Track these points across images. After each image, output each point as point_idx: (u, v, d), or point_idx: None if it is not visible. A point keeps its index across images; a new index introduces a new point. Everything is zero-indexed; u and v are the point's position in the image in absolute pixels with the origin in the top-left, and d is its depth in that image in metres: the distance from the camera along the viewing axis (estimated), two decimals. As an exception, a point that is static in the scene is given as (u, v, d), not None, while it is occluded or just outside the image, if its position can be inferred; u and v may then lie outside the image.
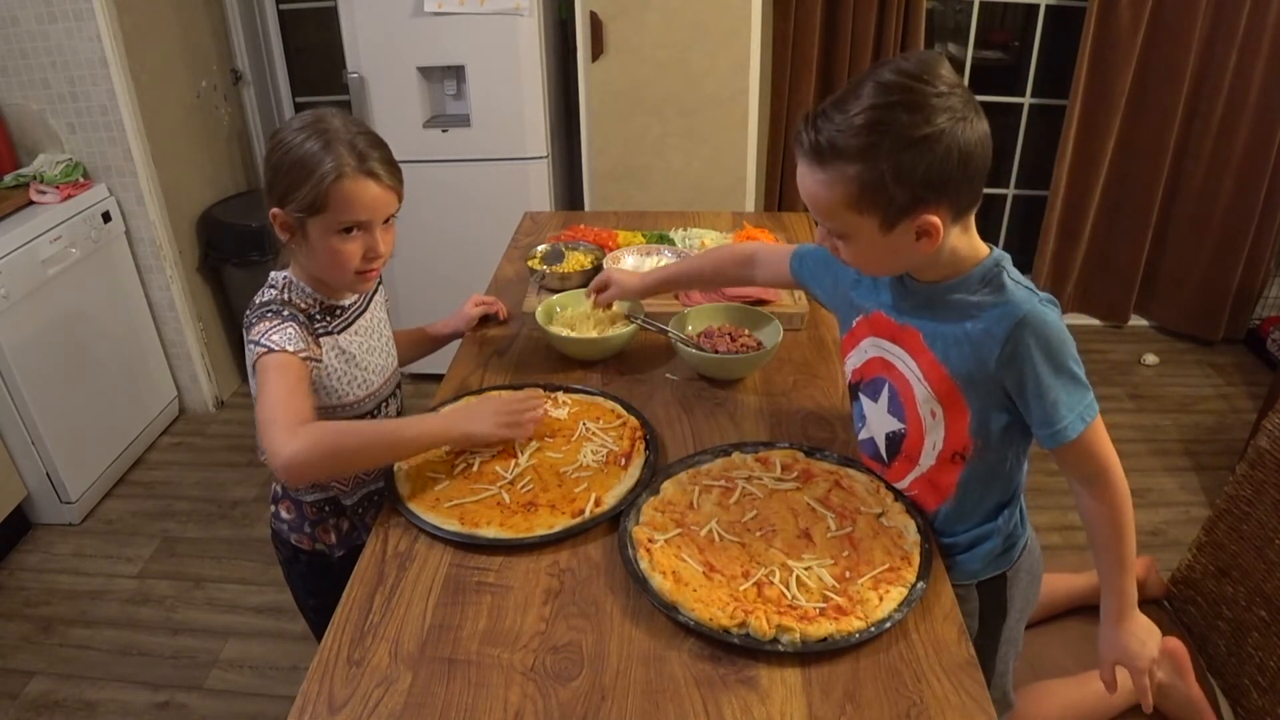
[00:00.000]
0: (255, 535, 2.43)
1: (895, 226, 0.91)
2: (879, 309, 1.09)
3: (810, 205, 0.96)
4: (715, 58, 2.53)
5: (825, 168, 0.90)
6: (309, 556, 1.36)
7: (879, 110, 0.86)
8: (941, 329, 1.01)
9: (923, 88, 0.86)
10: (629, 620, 0.96)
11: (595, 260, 1.74)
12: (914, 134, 0.86)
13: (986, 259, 0.99)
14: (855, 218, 0.92)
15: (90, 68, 2.44)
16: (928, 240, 0.92)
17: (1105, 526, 1.01)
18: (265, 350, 1.10)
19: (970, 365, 0.99)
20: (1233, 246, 3.15)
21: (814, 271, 1.23)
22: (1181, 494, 2.52)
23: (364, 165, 1.12)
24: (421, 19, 2.50)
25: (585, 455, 1.20)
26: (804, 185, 0.95)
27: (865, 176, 0.88)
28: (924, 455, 1.08)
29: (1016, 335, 0.94)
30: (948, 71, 0.88)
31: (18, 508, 2.39)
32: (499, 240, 2.03)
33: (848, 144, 0.88)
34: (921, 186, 0.88)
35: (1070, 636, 1.40)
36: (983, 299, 0.97)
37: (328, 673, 0.90)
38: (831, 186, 0.91)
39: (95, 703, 1.93)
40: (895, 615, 0.93)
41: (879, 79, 0.88)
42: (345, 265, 1.17)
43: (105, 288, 2.60)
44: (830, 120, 0.89)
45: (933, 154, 0.87)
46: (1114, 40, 2.91)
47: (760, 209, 3.07)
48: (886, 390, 1.10)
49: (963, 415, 1.02)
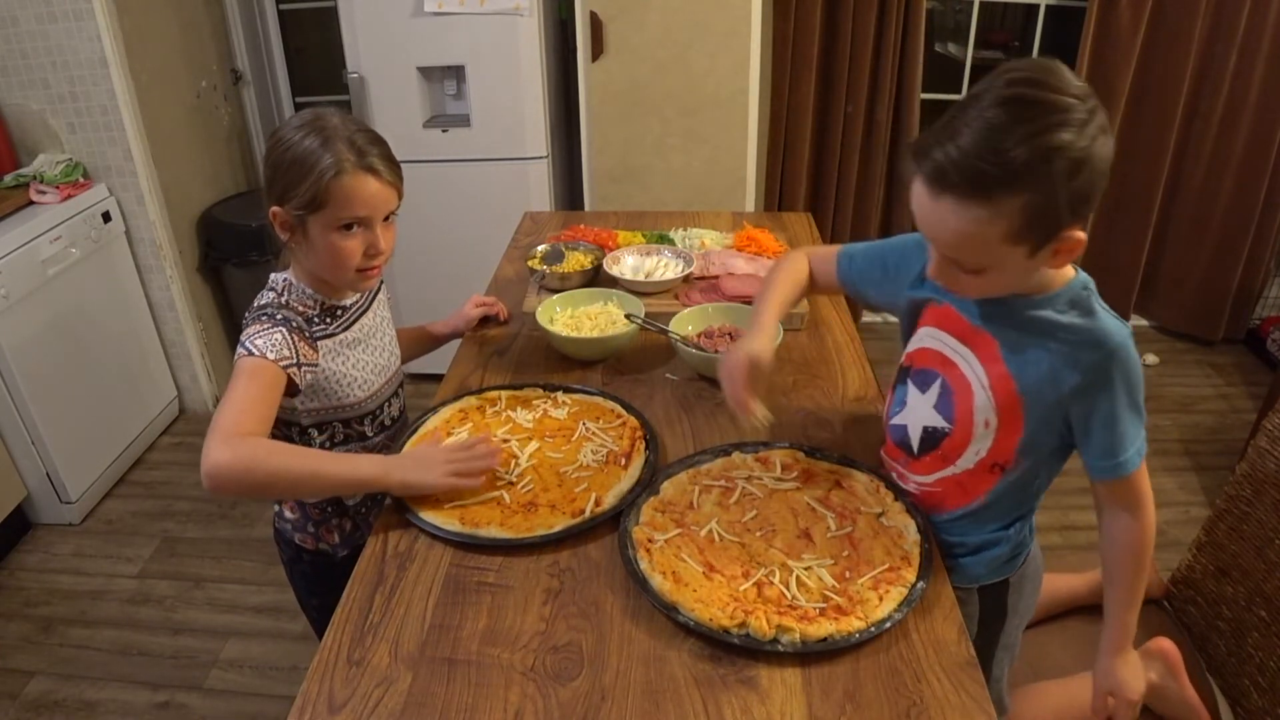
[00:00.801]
0: (255, 535, 2.43)
1: (1042, 249, 0.86)
2: (950, 303, 1.05)
3: (949, 243, 0.88)
4: (715, 58, 2.54)
5: (985, 201, 0.82)
6: (312, 556, 1.36)
7: (1045, 134, 0.80)
8: (1022, 343, 0.98)
9: (1070, 101, 0.81)
10: (629, 620, 0.96)
11: (595, 260, 1.74)
12: (1079, 154, 0.81)
13: (1074, 280, 0.97)
14: (1007, 250, 0.85)
15: (90, 68, 2.44)
16: (1064, 257, 0.89)
17: (1129, 559, 1.04)
18: (245, 353, 1.10)
19: (1043, 385, 0.97)
20: (1233, 246, 3.15)
21: (865, 271, 1.18)
22: (1181, 494, 2.51)
23: (363, 161, 1.12)
24: (421, 19, 2.50)
25: (585, 455, 1.20)
26: (947, 223, 0.86)
27: (1035, 204, 0.82)
28: (963, 459, 1.06)
29: (1104, 365, 0.93)
30: (1072, 76, 0.83)
31: (18, 508, 2.39)
32: (499, 240, 2.03)
33: (1017, 173, 0.80)
34: (1079, 200, 0.83)
35: (1070, 636, 1.40)
36: (1071, 321, 0.95)
37: (328, 673, 0.90)
38: (993, 222, 0.83)
39: (95, 703, 1.93)
40: (895, 615, 0.93)
41: (1020, 96, 0.81)
42: (346, 263, 1.16)
43: (105, 288, 2.60)
44: (981, 149, 0.80)
45: (1093, 169, 0.82)
46: (1114, 40, 2.91)
47: (760, 209, 3.07)
48: (938, 386, 1.06)
49: (1016, 431, 1.01)
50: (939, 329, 1.07)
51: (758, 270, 1.74)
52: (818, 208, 3.25)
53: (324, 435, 1.27)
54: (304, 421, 1.24)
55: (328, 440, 1.27)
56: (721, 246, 1.88)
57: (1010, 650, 1.20)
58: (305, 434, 1.25)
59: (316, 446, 1.26)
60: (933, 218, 0.87)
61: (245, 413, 1.05)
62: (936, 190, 0.85)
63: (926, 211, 0.87)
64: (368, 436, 1.31)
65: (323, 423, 1.26)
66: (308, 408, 1.22)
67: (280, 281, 1.21)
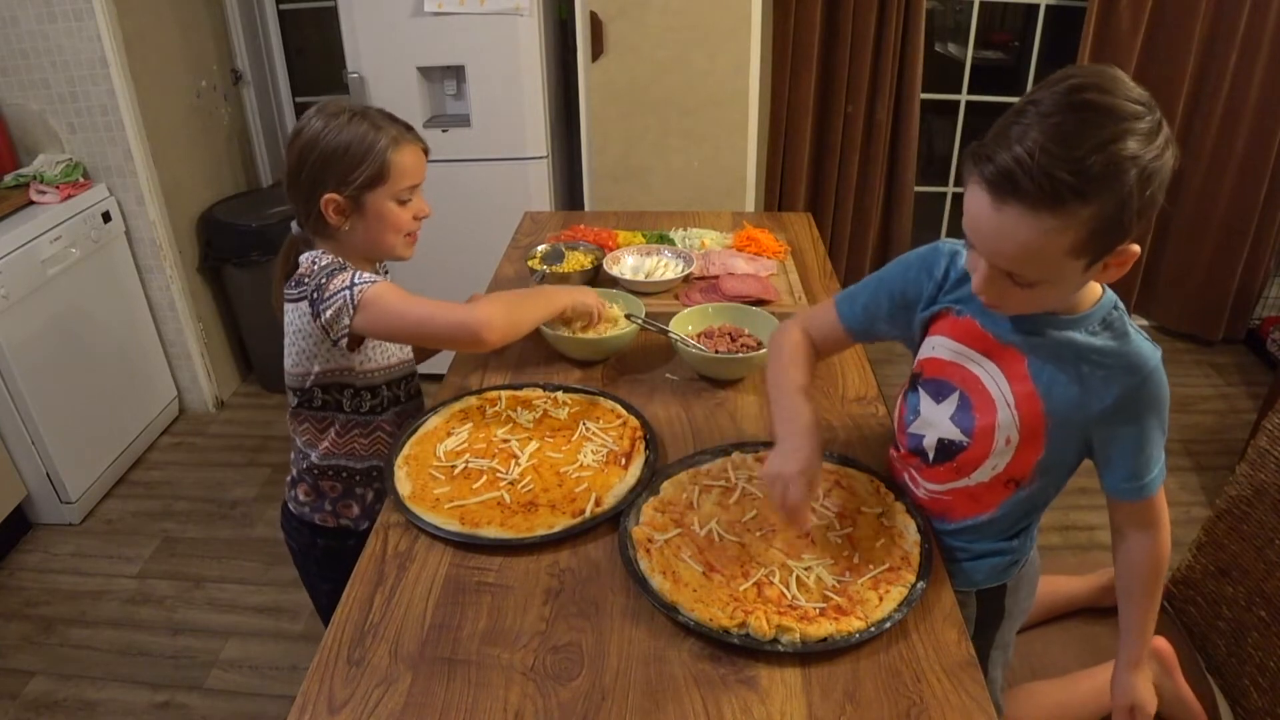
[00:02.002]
0: (255, 535, 2.43)
1: (1098, 262, 0.83)
2: (973, 316, 1.01)
3: (1011, 255, 0.83)
4: (715, 58, 2.54)
5: (1056, 211, 0.77)
6: (328, 538, 1.39)
7: (1117, 143, 0.76)
8: (1052, 363, 0.95)
9: (1139, 110, 0.78)
10: (629, 620, 0.96)
11: (595, 260, 1.74)
12: (1151, 165, 0.78)
13: (1104, 298, 0.94)
14: (1069, 262, 0.82)
15: (90, 68, 2.44)
16: (1114, 271, 0.86)
17: (1149, 577, 1.04)
18: (366, 284, 1.18)
19: (1071, 408, 0.95)
20: (1233, 246, 3.15)
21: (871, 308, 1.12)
22: (1181, 494, 2.52)
23: (409, 134, 1.26)
24: (421, 19, 2.50)
25: (585, 455, 1.20)
26: (1011, 234, 0.80)
27: (1105, 215, 0.78)
28: (978, 473, 1.04)
29: (1138, 390, 0.92)
30: (1134, 84, 0.80)
31: (18, 508, 2.39)
32: (499, 240, 2.03)
33: (1092, 182, 0.76)
34: (1147, 216, 0.80)
35: (1070, 638, 1.40)
36: (1105, 344, 0.93)
37: (328, 673, 0.90)
38: (1062, 233, 0.79)
39: (95, 703, 1.93)
40: (895, 615, 0.93)
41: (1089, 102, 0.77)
42: (400, 227, 1.27)
43: (105, 288, 2.60)
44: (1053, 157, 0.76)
45: (1162, 181, 0.80)
46: (1114, 40, 2.91)
47: (760, 209, 3.07)
48: (956, 398, 1.04)
49: (1037, 450, 0.99)
50: (957, 340, 1.03)
51: (758, 270, 1.74)
52: (818, 208, 3.25)
53: (375, 399, 1.35)
54: (357, 383, 1.32)
55: (379, 404, 1.36)
56: (721, 246, 1.88)
57: (1004, 650, 1.20)
58: (358, 395, 1.33)
59: (368, 409, 1.35)
60: (994, 228, 0.81)
61: (426, 301, 1.20)
62: (1001, 197, 0.79)
63: (987, 221, 0.81)
64: (400, 400, 1.40)
65: (374, 385, 1.34)
66: (366, 369, 1.31)
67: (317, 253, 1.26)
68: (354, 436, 1.35)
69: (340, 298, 1.18)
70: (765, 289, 1.64)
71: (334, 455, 1.35)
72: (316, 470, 1.36)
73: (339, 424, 1.34)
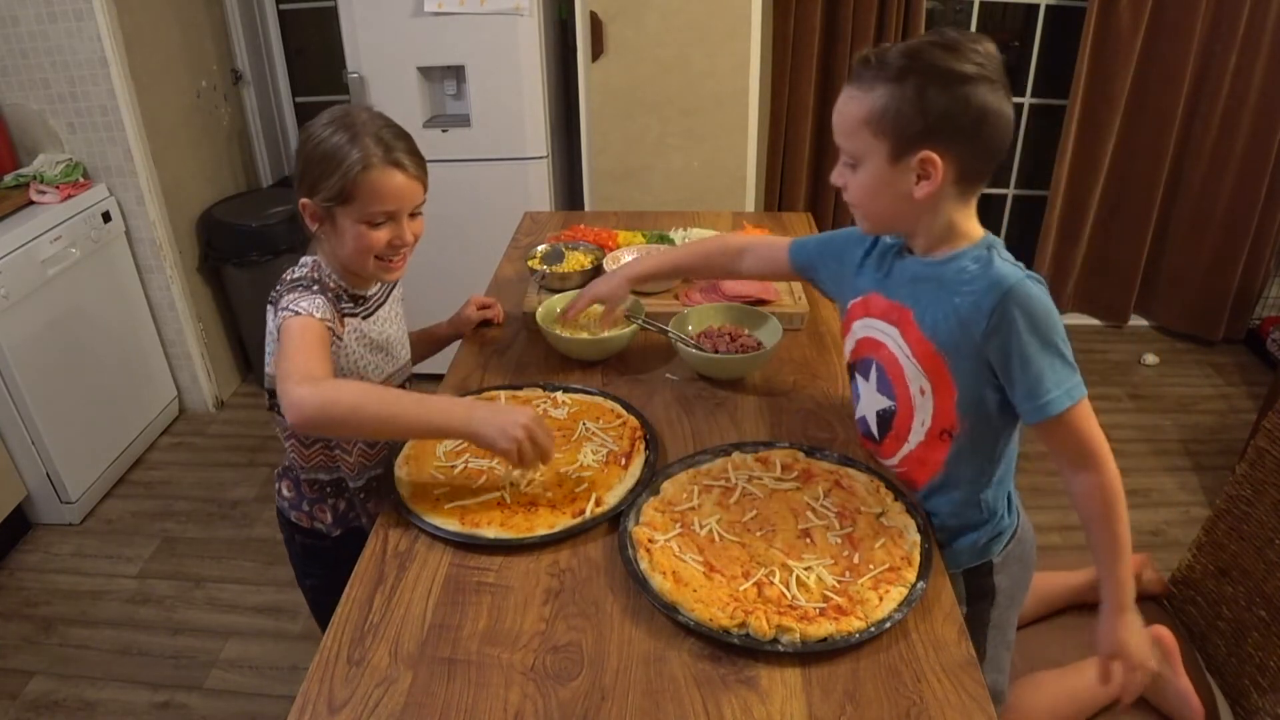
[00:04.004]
0: (255, 535, 2.43)
1: (901, 159, 0.97)
2: (875, 290, 1.13)
3: (837, 129, 1.02)
4: (715, 58, 2.54)
5: (858, 85, 0.98)
6: (304, 535, 1.37)
7: (920, 45, 0.95)
8: (932, 305, 1.04)
9: (965, 43, 0.94)
10: (629, 620, 0.96)
11: (595, 260, 1.74)
12: (942, 68, 0.93)
13: (980, 240, 1.03)
14: (871, 140, 0.98)
15: (90, 68, 2.44)
16: (926, 184, 0.97)
17: (1097, 509, 1.01)
18: (291, 314, 1.12)
19: (957, 339, 1.02)
20: (1233, 246, 3.15)
21: (817, 257, 1.27)
22: (1181, 494, 2.51)
23: (390, 156, 1.15)
24: (421, 19, 2.50)
25: (585, 455, 1.20)
26: (837, 109, 1.02)
27: (891, 96, 0.95)
28: (913, 433, 1.11)
29: (1003, 307, 0.96)
30: (992, 48, 0.96)
31: (18, 508, 2.39)
32: (499, 240, 2.04)
33: (884, 65, 0.95)
34: (936, 120, 0.94)
35: (1068, 632, 1.40)
36: (971, 274, 1.01)
37: (328, 673, 0.90)
38: (859, 101, 0.98)
39: (95, 703, 1.93)
40: (895, 615, 0.93)
41: (928, 40, 0.96)
42: (370, 251, 1.19)
43: (105, 288, 2.60)
44: (879, 49, 0.98)
45: (953, 96, 0.93)
46: (1114, 40, 2.91)
47: (760, 209, 3.07)
48: (874, 369, 1.14)
49: (950, 392, 1.05)
50: (866, 316, 1.14)
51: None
52: (818, 208, 3.25)
53: None
54: None
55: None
56: (721, 246, 1.88)
57: (1002, 632, 1.19)
58: None
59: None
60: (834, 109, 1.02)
61: (310, 359, 1.07)
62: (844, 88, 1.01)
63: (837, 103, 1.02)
64: None
65: None
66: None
67: (310, 262, 1.24)
68: (317, 449, 1.30)
69: (276, 318, 1.14)
70: (765, 289, 1.64)
71: (301, 466, 1.32)
72: (294, 470, 1.34)
73: (298, 435, 1.29)
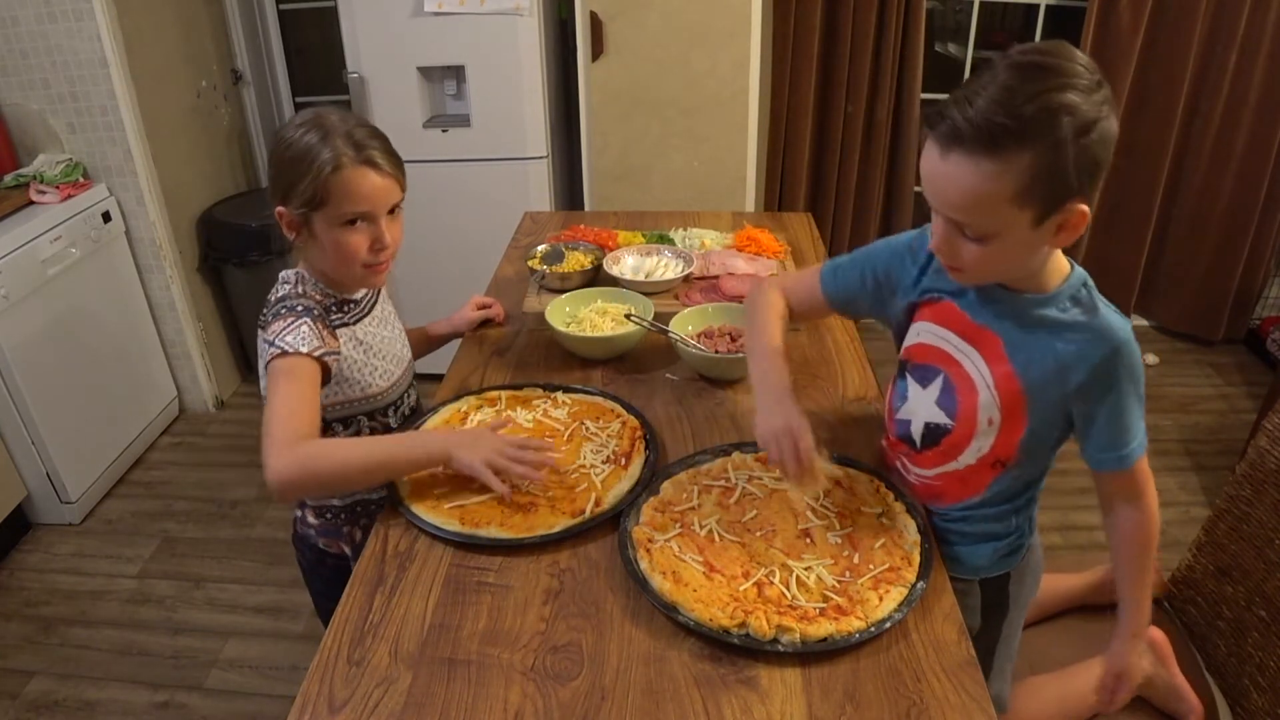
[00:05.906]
0: (255, 535, 2.43)
1: (1046, 219, 0.86)
2: (950, 299, 1.04)
3: (955, 203, 0.87)
4: (715, 58, 2.54)
5: (995, 156, 0.82)
6: (337, 560, 1.35)
7: (1054, 93, 0.81)
8: (1027, 342, 0.98)
9: (1080, 70, 0.83)
10: (629, 620, 0.96)
11: (595, 260, 1.74)
12: (1090, 116, 0.82)
13: (1073, 276, 0.98)
14: (1013, 213, 0.85)
15: (90, 68, 2.44)
16: (1066, 235, 0.88)
17: (1139, 543, 1.05)
18: (278, 353, 1.10)
19: (1048, 383, 0.97)
20: (1233, 246, 3.15)
21: (854, 281, 1.15)
22: (1181, 494, 2.51)
23: (361, 155, 1.12)
24: (421, 19, 2.50)
25: (585, 455, 1.20)
26: (956, 181, 0.85)
27: (1043, 162, 0.82)
28: (964, 455, 1.06)
29: (1110, 363, 0.95)
30: (1084, 58, 0.85)
31: (18, 508, 2.39)
32: (499, 240, 2.03)
33: (1026, 127, 0.81)
34: (1091, 171, 0.84)
35: (1069, 635, 1.40)
36: (1075, 319, 0.96)
37: (328, 673, 0.90)
38: (1000, 177, 0.83)
39: (95, 703, 1.93)
40: (895, 615, 0.93)
41: (1031, 62, 0.83)
42: (353, 258, 1.16)
43: (105, 288, 2.60)
44: (993, 105, 0.81)
45: (1100, 136, 0.83)
46: (1114, 40, 2.91)
47: (760, 209, 3.07)
48: (940, 382, 1.06)
49: (1019, 428, 1.01)
50: (938, 324, 1.06)
51: (758, 270, 1.74)
52: (818, 208, 3.25)
53: (349, 430, 1.26)
54: (328, 416, 1.22)
55: (354, 435, 1.27)
56: (721, 246, 1.88)
57: (1010, 642, 1.20)
58: (329, 429, 1.24)
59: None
60: (941, 176, 0.86)
61: (295, 415, 1.05)
62: (947, 147, 0.84)
63: (935, 171, 0.86)
64: (391, 427, 1.31)
65: (348, 417, 1.25)
66: (332, 401, 1.22)
67: (292, 276, 1.21)
68: None
69: (264, 351, 1.12)
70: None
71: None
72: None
73: None
